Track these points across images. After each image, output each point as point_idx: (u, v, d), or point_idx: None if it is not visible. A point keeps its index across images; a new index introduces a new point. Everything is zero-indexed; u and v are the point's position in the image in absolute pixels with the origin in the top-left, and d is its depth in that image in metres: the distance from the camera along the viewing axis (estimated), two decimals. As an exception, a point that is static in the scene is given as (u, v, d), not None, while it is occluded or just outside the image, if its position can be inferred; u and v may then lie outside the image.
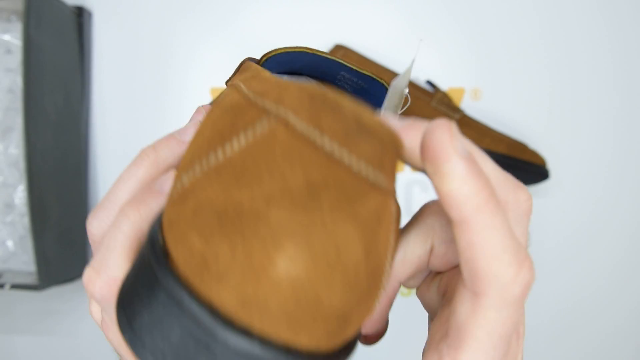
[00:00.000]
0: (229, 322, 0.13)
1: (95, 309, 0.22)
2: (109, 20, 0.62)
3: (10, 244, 0.60)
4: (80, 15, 0.60)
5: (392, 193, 0.15)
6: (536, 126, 0.61)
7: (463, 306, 0.17)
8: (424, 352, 0.20)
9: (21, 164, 0.59)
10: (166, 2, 0.62)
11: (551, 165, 0.60)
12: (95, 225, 0.20)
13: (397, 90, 0.25)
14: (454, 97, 0.61)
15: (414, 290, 0.62)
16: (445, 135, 0.15)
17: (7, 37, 0.59)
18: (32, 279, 0.56)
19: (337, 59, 0.28)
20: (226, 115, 0.16)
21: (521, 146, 0.57)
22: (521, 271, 0.16)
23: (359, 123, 0.14)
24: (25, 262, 0.60)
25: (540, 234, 0.62)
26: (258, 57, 0.27)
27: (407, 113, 0.58)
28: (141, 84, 0.62)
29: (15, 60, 0.59)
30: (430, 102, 0.58)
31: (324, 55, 0.28)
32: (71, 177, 0.60)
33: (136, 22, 0.62)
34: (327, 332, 0.14)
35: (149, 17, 0.62)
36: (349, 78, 0.29)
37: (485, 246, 0.16)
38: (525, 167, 0.56)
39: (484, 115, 0.61)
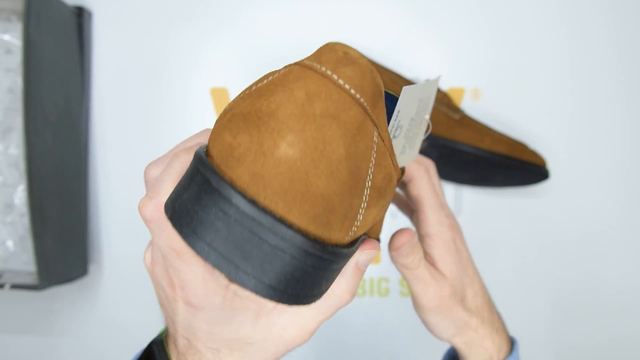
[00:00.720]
0: (242, 193, 0.18)
1: (148, 255, 0.26)
2: (109, 20, 0.62)
3: (10, 244, 0.60)
4: (80, 15, 0.60)
5: (374, 120, 0.20)
6: (536, 126, 0.61)
7: (412, 189, 0.36)
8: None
9: (21, 164, 0.59)
10: (167, 2, 0.62)
11: (551, 165, 0.60)
12: (153, 169, 0.25)
13: (411, 102, 0.26)
14: (454, 97, 0.61)
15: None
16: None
17: (7, 37, 0.59)
18: (32, 279, 0.56)
19: None
20: (264, 75, 0.22)
21: (521, 146, 0.57)
22: (424, 168, 0.36)
23: (346, 57, 0.20)
24: (25, 262, 0.60)
25: (540, 234, 0.62)
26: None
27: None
28: (141, 84, 0.62)
29: (15, 60, 0.59)
30: (430, 102, 0.58)
31: None
32: (71, 177, 0.60)
33: (136, 22, 0.62)
34: (313, 214, 0.19)
35: (149, 17, 0.62)
36: None
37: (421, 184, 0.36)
38: (525, 167, 0.56)
39: (484, 115, 0.61)
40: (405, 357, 0.63)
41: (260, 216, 0.18)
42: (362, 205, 0.20)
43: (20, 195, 0.60)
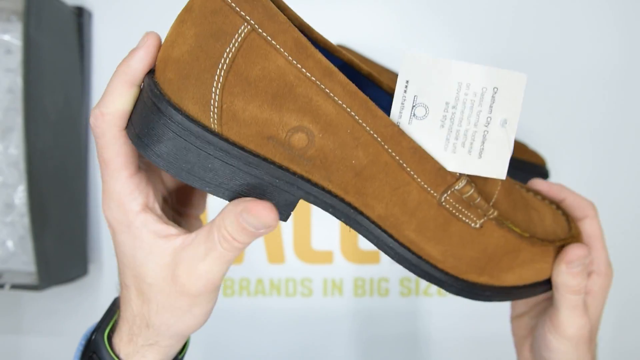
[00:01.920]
0: (154, 75, 0.25)
1: None
2: (109, 20, 0.62)
3: (10, 244, 0.60)
4: (80, 15, 0.60)
5: (240, 14, 0.23)
6: (536, 126, 0.61)
7: (588, 226, 0.36)
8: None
9: (21, 164, 0.59)
10: (166, 2, 0.62)
11: (551, 165, 0.60)
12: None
13: (435, 77, 0.27)
14: (454, 97, 0.61)
15: (411, 291, 0.62)
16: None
17: (7, 37, 0.59)
18: (32, 279, 0.56)
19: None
20: None
21: (521, 146, 0.57)
22: (594, 206, 0.38)
23: None
24: (25, 262, 0.60)
25: (540, 234, 0.62)
26: None
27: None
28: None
29: (15, 60, 0.59)
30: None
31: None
32: (71, 177, 0.60)
33: (136, 22, 0.62)
34: (169, 78, 0.24)
35: (149, 17, 0.62)
36: None
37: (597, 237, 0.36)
38: (525, 167, 0.56)
39: (484, 115, 0.61)
40: (405, 356, 0.63)
41: (151, 83, 0.24)
42: (216, 85, 0.23)
43: (20, 195, 0.60)
